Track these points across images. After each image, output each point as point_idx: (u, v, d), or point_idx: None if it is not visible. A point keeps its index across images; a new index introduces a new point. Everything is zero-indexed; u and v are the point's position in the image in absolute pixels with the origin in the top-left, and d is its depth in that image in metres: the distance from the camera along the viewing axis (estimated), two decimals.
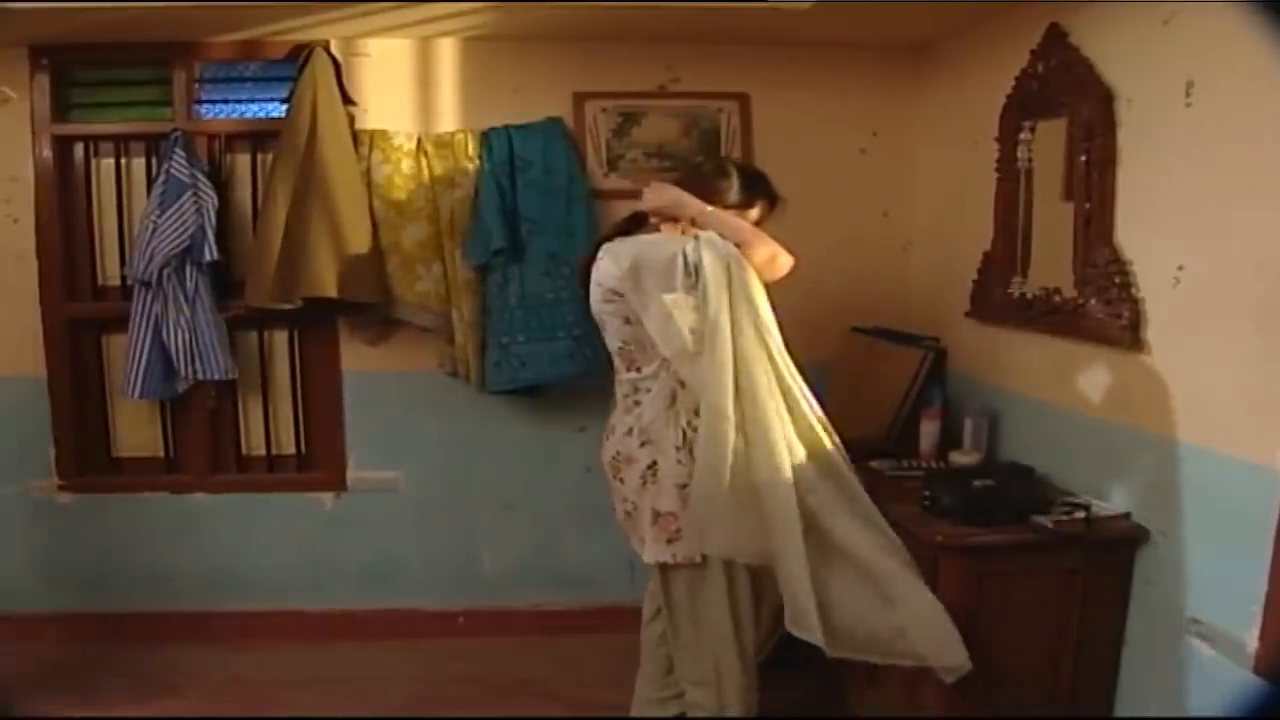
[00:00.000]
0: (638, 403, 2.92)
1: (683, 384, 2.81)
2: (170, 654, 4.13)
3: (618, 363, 2.98)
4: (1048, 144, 3.20)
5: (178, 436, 4.33)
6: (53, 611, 4.24)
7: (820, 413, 2.80)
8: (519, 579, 4.40)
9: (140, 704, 3.75)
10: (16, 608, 4.25)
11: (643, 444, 2.89)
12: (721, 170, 3.02)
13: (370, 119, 4.08)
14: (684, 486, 2.83)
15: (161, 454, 4.33)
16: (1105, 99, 2.88)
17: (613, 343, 2.95)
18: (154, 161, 4.05)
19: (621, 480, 2.96)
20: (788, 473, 2.70)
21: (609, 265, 2.83)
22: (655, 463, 2.86)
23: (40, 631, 4.22)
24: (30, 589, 4.26)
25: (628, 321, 2.84)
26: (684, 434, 2.83)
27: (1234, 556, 2.43)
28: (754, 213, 2.96)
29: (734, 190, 2.94)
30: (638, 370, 2.90)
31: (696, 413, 2.82)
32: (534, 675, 4.01)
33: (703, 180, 2.97)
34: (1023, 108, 3.33)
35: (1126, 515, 2.82)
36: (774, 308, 2.81)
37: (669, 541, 2.89)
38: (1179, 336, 2.65)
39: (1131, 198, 2.82)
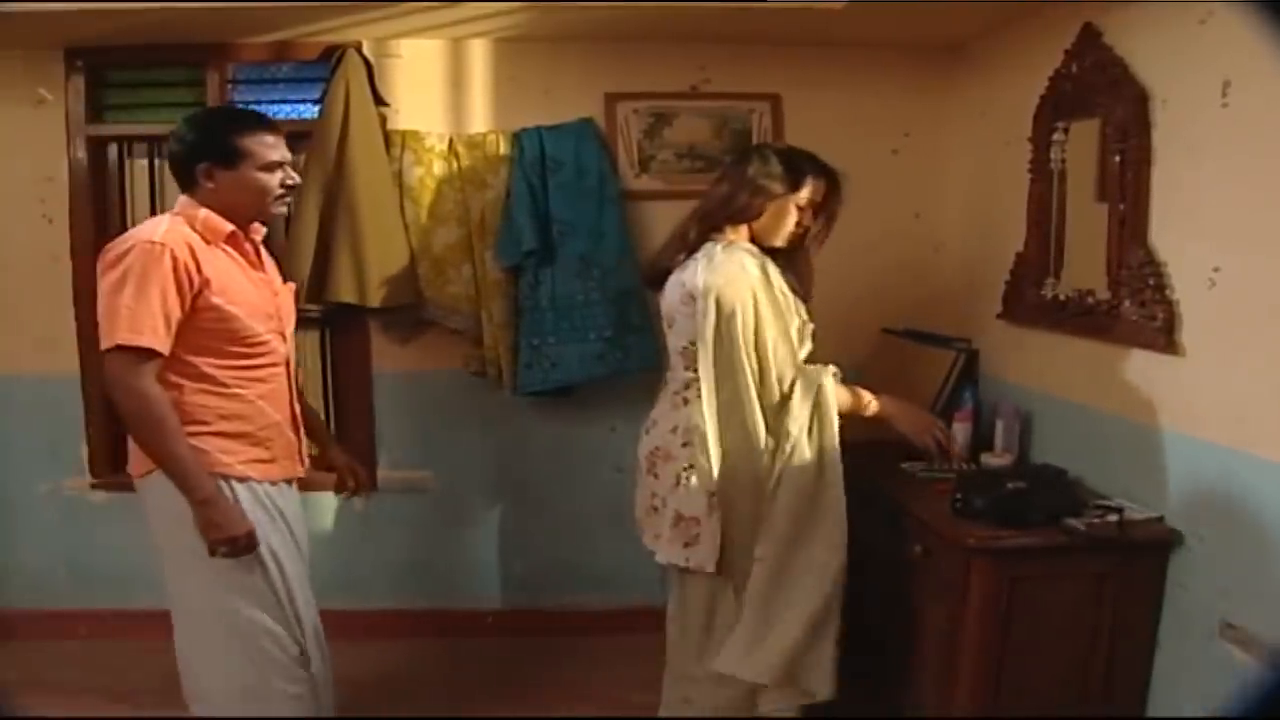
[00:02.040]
0: (686, 401, 2.94)
1: None
2: None
3: (675, 360, 3.01)
4: (1081, 144, 3.18)
5: None
6: (83, 609, 4.28)
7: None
8: (549, 579, 4.40)
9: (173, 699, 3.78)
10: (48, 605, 4.29)
11: (685, 444, 2.90)
12: (761, 157, 3.03)
13: (402, 120, 4.08)
14: (714, 494, 2.85)
15: None
16: (1140, 99, 2.85)
17: (678, 341, 2.98)
18: None
19: (656, 475, 2.98)
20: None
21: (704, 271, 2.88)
22: (693, 465, 2.87)
23: (73, 629, 4.26)
24: (62, 587, 4.30)
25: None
26: None
27: (1270, 561, 2.41)
28: (804, 193, 2.98)
29: (779, 179, 2.97)
30: (695, 371, 2.90)
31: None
32: (564, 676, 4.01)
33: (745, 180, 2.98)
34: (1056, 108, 3.31)
35: (1160, 518, 2.79)
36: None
37: (685, 545, 2.92)
38: (1214, 338, 2.63)
39: (1166, 198, 2.80)
